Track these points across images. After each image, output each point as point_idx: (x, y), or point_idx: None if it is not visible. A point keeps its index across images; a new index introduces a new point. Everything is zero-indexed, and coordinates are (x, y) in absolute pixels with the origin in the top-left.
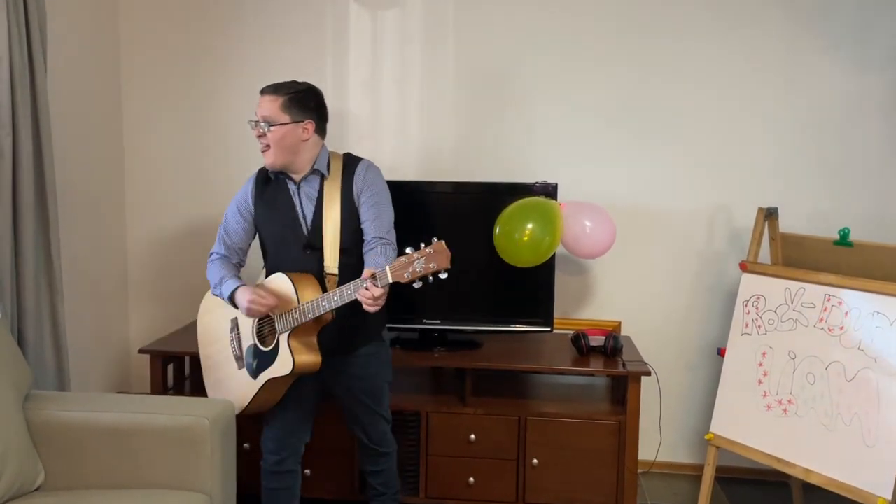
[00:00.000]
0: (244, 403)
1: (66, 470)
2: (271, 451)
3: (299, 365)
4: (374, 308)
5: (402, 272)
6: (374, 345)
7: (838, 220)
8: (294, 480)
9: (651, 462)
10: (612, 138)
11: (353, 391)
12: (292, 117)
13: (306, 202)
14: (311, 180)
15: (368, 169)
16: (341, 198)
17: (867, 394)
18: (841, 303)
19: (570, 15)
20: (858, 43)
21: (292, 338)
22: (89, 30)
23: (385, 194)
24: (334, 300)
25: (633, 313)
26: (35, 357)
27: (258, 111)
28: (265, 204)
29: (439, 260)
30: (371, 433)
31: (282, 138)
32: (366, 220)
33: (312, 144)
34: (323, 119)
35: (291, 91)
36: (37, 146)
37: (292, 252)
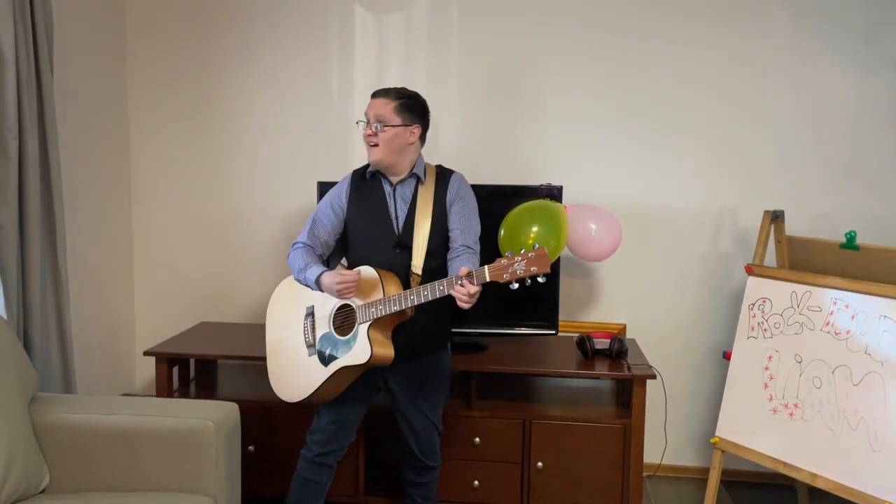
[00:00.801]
0: (310, 390)
1: (71, 472)
2: (318, 443)
3: (376, 356)
4: (468, 305)
5: (501, 272)
6: (440, 353)
7: (845, 223)
8: (329, 477)
9: (657, 465)
10: (617, 141)
11: (415, 399)
12: (403, 120)
13: (400, 203)
14: (407, 184)
15: (462, 182)
16: (434, 204)
17: (874, 398)
18: (847, 306)
19: (574, 18)
20: (865, 44)
21: (372, 329)
22: (95, 33)
23: (475, 208)
24: (424, 295)
25: (638, 316)
26: (41, 359)
27: (370, 111)
28: (359, 201)
29: (540, 264)
30: (423, 443)
31: (392, 139)
32: (455, 229)
33: (414, 149)
34: (426, 127)
35: (404, 96)
36: (43, 149)
37: (381, 249)
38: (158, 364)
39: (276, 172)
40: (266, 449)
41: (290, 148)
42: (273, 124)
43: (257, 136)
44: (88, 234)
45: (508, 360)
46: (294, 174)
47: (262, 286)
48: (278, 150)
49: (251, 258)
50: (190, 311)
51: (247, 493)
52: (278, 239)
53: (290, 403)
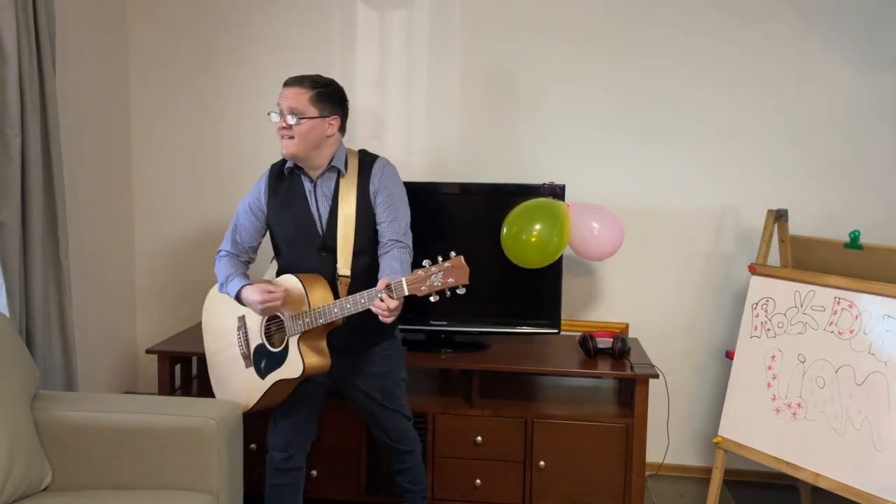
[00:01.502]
0: (251, 403)
1: (73, 470)
2: (278, 449)
3: (309, 367)
4: (389, 319)
5: (419, 285)
6: (387, 343)
7: (849, 223)
8: (299, 477)
9: (659, 464)
10: (620, 139)
11: (368, 390)
12: (320, 111)
13: (322, 201)
14: (327, 178)
15: (385, 168)
16: (357, 197)
17: (877, 398)
18: (851, 306)
19: (577, 15)
20: (870, 41)
21: (302, 340)
22: (97, 30)
23: (401, 195)
24: (347, 308)
25: (640, 315)
26: (43, 357)
27: (283, 102)
28: (279, 202)
29: (457, 275)
30: (390, 432)
31: (308, 131)
32: (382, 222)
33: (334, 141)
34: (346, 116)
35: (320, 85)
36: (45, 147)
37: (306, 253)
38: (160, 362)
39: None
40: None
41: None
42: (275, 122)
43: (260, 136)
44: (90, 232)
45: (510, 359)
46: None
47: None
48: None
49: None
50: (192, 309)
51: (248, 492)
52: None
53: None
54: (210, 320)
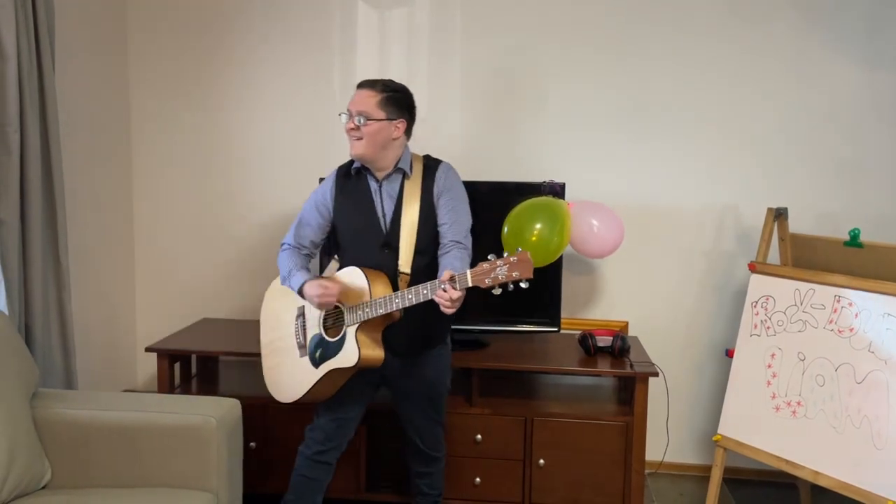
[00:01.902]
0: (302, 391)
1: (72, 468)
2: (317, 441)
3: (364, 358)
4: (451, 310)
5: (483, 277)
6: (439, 348)
7: (849, 221)
8: (327, 474)
9: (658, 463)
10: (620, 137)
11: (414, 393)
12: (388, 114)
13: (387, 201)
14: (393, 179)
15: (449, 172)
16: (421, 198)
17: (877, 396)
18: (851, 304)
19: (577, 14)
20: (870, 39)
21: (360, 331)
22: (97, 28)
23: (463, 199)
24: (409, 298)
25: (640, 313)
26: (42, 355)
27: (353, 105)
28: (345, 200)
29: (522, 269)
30: (426, 437)
31: (376, 133)
32: (444, 223)
33: (400, 144)
34: (413, 121)
35: (389, 89)
36: (44, 143)
37: (369, 249)
38: (160, 360)
39: (278, 168)
40: (267, 446)
41: (292, 144)
42: (275, 120)
43: (259, 132)
44: (90, 229)
45: (510, 358)
46: (296, 170)
47: (264, 282)
48: (280, 147)
49: (253, 254)
50: (191, 307)
51: (248, 490)
52: (281, 234)
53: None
54: (268, 311)
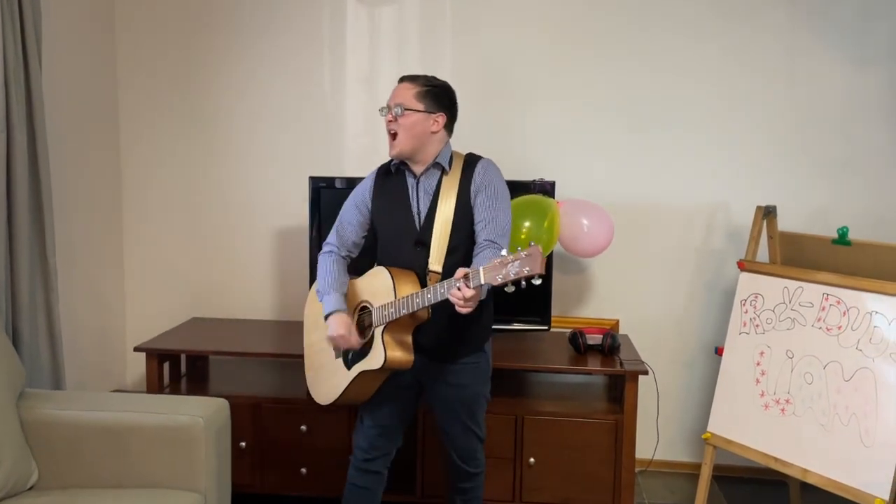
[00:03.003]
0: (337, 393)
1: (59, 469)
2: (362, 449)
3: (391, 360)
4: (465, 309)
5: (494, 274)
6: (476, 355)
7: (837, 219)
8: (378, 483)
9: (648, 461)
10: (610, 136)
11: (449, 401)
12: (426, 107)
13: (423, 197)
14: (430, 174)
15: (488, 167)
16: (457, 195)
17: (865, 394)
18: (839, 302)
19: (567, 12)
20: (858, 38)
21: (387, 332)
22: (84, 25)
23: (504, 196)
24: (428, 297)
25: (630, 312)
26: (29, 355)
27: (392, 98)
28: (383, 198)
29: (533, 265)
30: (461, 450)
31: (412, 125)
32: (479, 222)
33: (439, 139)
34: (453, 118)
35: (429, 84)
36: (31, 143)
37: (403, 247)
38: (149, 360)
39: (267, 167)
40: (258, 445)
41: (281, 142)
42: (264, 118)
43: (249, 130)
44: (78, 229)
45: (501, 356)
46: (285, 168)
47: (253, 281)
48: (270, 145)
49: (243, 253)
50: (181, 307)
51: (239, 490)
52: (270, 234)
53: (283, 400)
54: (310, 312)
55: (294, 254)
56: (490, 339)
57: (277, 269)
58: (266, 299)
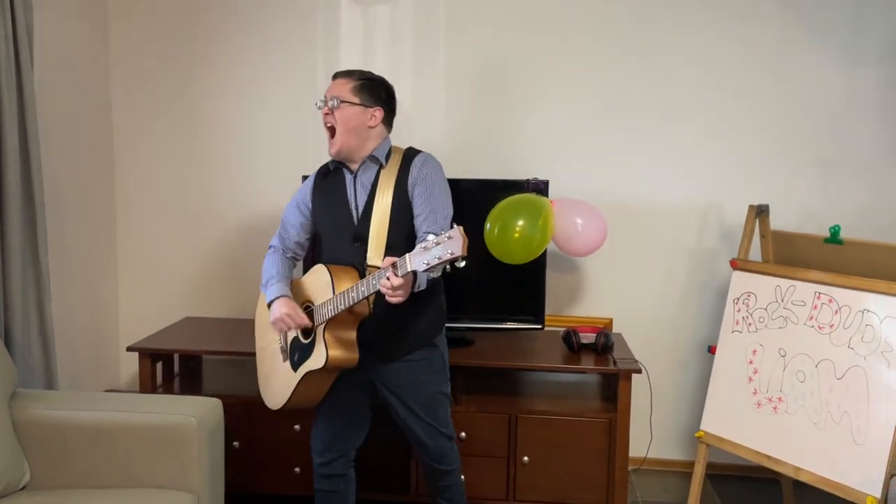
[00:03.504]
0: (285, 397)
1: (52, 469)
2: (318, 452)
3: (332, 359)
4: (396, 299)
5: (420, 260)
6: (425, 350)
7: (830, 218)
8: (345, 484)
9: (642, 459)
10: (603, 135)
11: (404, 399)
12: (362, 101)
13: (360, 192)
14: (367, 169)
15: (427, 161)
16: (394, 188)
17: (857, 392)
18: (831, 300)
19: (561, 10)
20: (852, 37)
21: (328, 330)
22: (77, 24)
23: (442, 188)
24: (361, 290)
25: (624, 311)
26: (22, 355)
27: (328, 92)
28: (322, 196)
29: (455, 246)
30: (428, 448)
31: (348, 119)
32: (419, 215)
33: (377, 134)
34: (391, 112)
35: (364, 77)
36: (23, 142)
37: (342, 244)
38: (142, 360)
39: (260, 166)
40: (252, 445)
41: (274, 142)
42: (257, 118)
43: (241, 130)
44: (71, 228)
45: (495, 355)
46: (279, 168)
47: (247, 281)
48: (263, 144)
49: (236, 253)
50: (174, 306)
51: (233, 490)
52: (263, 234)
53: None
54: (260, 316)
55: None
56: (442, 334)
57: None
58: (259, 299)
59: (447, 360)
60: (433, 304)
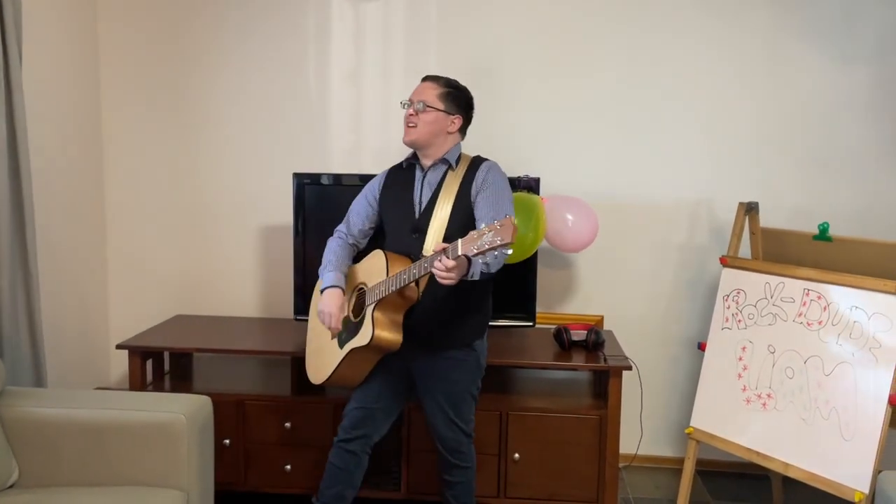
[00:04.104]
0: (329, 371)
1: (41, 467)
2: (344, 427)
3: (377, 338)
4: (448, 281)
5: (470, 245)
6: (464, 351)
7: (820, 215)
8: (356, 465)
9: (632, 455)
10: (594, 133)
11: (434, 393)
12: (446, 107)
13: (426, 189)
14: (437, 169)
15: (493, 169)
16: (458, 190)
17: (845, 388)
18: (820, 297)
19: (552, 9)
20: (842, 36)
21: (377, 311)
22: (66, 20)
23: (506, 195)
24: (413, 272)
25: (615, 308)
26: (10, 352)
27: (415, 94)
28: (390, 189)
29: (504, 234)
30: (445, 441)
31: (431, 122)
32: (480, 218)
33: (452, 140)
34: (468, 121)
35: (451, 86)
36: (11, 139)
37: (401, 234)
38: (132, 357)
39: (251, 163)
40: (242, 443)
41: (266, 139)
42: (249, 115)
43: (233, 127)
44: (61, 225)
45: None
46: (270, 165)
47: (237, 279)
48: (254, 141)
49: (226, 250)
50: (165, 304)
51: (223, 488)
52: (254, 231)
53: (267, 397)
54: (315, 296)
55: (279, 251)
56: (483, 339)
57: (262, 266)
58: (250, 296)
59: (483, 364)
60: (479, 308)
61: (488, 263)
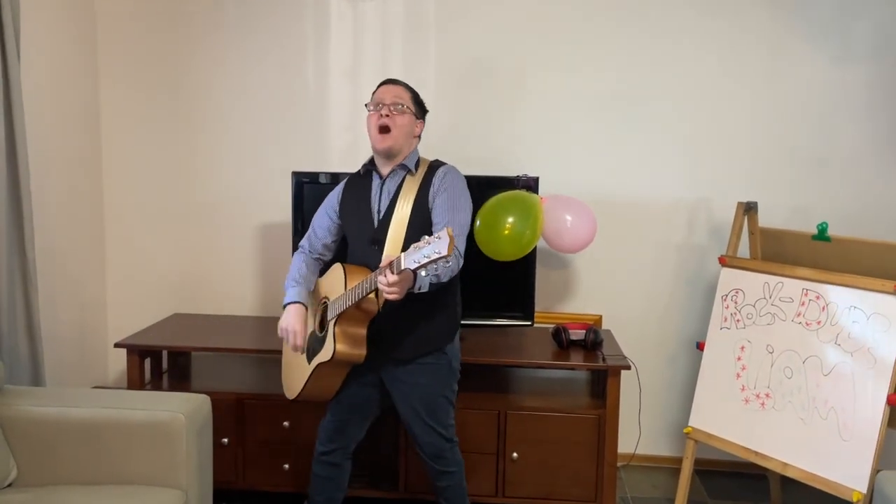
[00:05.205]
0: (299, 387)
1: (39, 466)
2: (321, 442)
3: (339, 353)
4: (393, 296)
5: (411, 258)
6: (434, 356)
7: (819, 215)
8: (340, 473)
9: (631, 455)
10: (593, 132)
11: (409, 401)
12: (415, 111)
13: (384, 197)
14: (395, 175)
15: (450, 172)
16: (416, 196)
17: (843, 388)
18: (818, 297)
19: (552, 9)
20: (841, 35)
21: (338, 325)
22: (64, 18)
23: (463, 199)
24: (365, 287)
25: (613, 307)
26: (8, 351)
27: (387, 95)
28: (349, 200)
29: (441, 246)
30: (425, 447)
31: (405, 124)
32: (437, 223)
33: (415, 143)
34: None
35: (414, 92)
36: (9, 137)
37: (361, 246)
38: (130, 356)
39: (250, 162)
40: (240, 441)
41: (265, 138)
42: (247, 114)
43: (232, 126)
44: (59, 223)
45: (484, 352)
46: (269, 164)
47: (235, 277)
48: (253, 140)
49: (225, 249)
50: (163, 303)
51: (222, 486)
52: (252, 230)
53: (266, 396)
54: None
55: (277, 249)
56: (454, 342)
57: (260, 264)
58: (248, 295)
59: (457, 367)
60: (444, 312)
61: (438, 274)
